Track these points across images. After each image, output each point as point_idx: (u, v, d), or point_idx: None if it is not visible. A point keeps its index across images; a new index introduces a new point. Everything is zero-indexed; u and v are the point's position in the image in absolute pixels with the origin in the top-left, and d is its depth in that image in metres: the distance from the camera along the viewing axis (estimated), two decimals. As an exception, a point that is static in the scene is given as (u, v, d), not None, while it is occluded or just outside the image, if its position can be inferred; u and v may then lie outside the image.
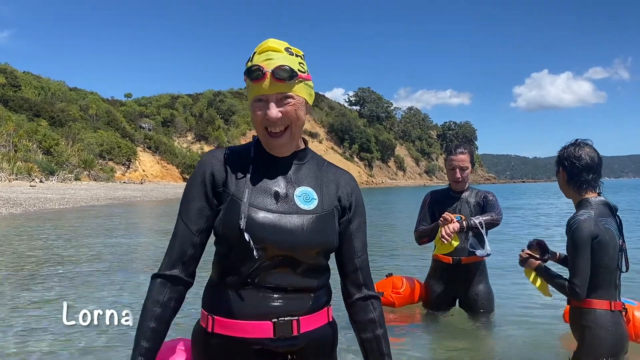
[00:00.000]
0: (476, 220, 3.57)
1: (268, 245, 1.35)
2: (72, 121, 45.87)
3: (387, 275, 4.32)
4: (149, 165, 53.09)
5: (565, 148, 2.64)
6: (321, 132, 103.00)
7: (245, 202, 1.37)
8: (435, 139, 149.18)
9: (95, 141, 43.93)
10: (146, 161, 53.12)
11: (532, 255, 2.82)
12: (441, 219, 3.61)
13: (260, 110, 1.37)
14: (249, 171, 1.42)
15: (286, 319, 1.37)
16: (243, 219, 1.34)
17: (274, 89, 1.35)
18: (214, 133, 70.94)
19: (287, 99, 1.37)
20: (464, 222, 3.56)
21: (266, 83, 1.35)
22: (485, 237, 3.64)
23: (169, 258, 1.42)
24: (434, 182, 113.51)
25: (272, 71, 1.34)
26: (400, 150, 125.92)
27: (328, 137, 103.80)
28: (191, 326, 1.53)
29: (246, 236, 1.32)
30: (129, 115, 64.24)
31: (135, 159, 49.92)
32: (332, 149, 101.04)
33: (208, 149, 68.29)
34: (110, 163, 45.57)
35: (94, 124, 50.49)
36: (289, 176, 1.45)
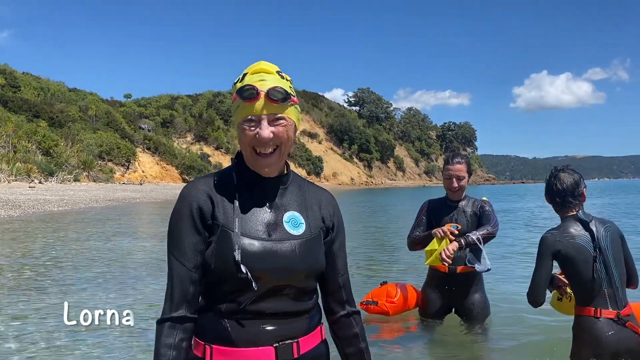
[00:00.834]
0: (473, 237, 3.57)
1: (265, 274, 1.35)
2: (72, 122, 45.67)
3: (381, 284, 4.35)
4: (148, 166, 52.95)
5: (547, 178, 2.88)
6: (320, 132, 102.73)
7: (237, 232, 1.35)
8: (435, 139, 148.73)
9: (95, 142, 43.77)
10: (145, 162, 52.97)
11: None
12: (441, 230, 3.63)
13: (250, 130, 1.37)
14: (236, 198, 1.41)
15: (287, 342, 1.38)
16: (237, 251, 1.33)
17: (267, 109, 1.36)
18: (213, 134, 70.68)
19: (280, 120, 1.37)
20: (462, 241, 3.56)
21: (259, 103, 1.35)
22: (483, 253, 3.66)
23: (171, 301, 1.37)
24: (434, 183, 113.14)
25: (267, 92, 1.35)
26: (400, 151, 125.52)
27: (327, 137, 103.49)
28: None
29: (243, 269, 1.31)
30: (128, 116, 63.99)
31: (135, 160, 49.75)
32: (332, 149, 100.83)
33: (207, 149, 68.20)
34: (110, 164, 45.43)
35: (93, 124, 50.32)
36: (276, 202, 1.44)
